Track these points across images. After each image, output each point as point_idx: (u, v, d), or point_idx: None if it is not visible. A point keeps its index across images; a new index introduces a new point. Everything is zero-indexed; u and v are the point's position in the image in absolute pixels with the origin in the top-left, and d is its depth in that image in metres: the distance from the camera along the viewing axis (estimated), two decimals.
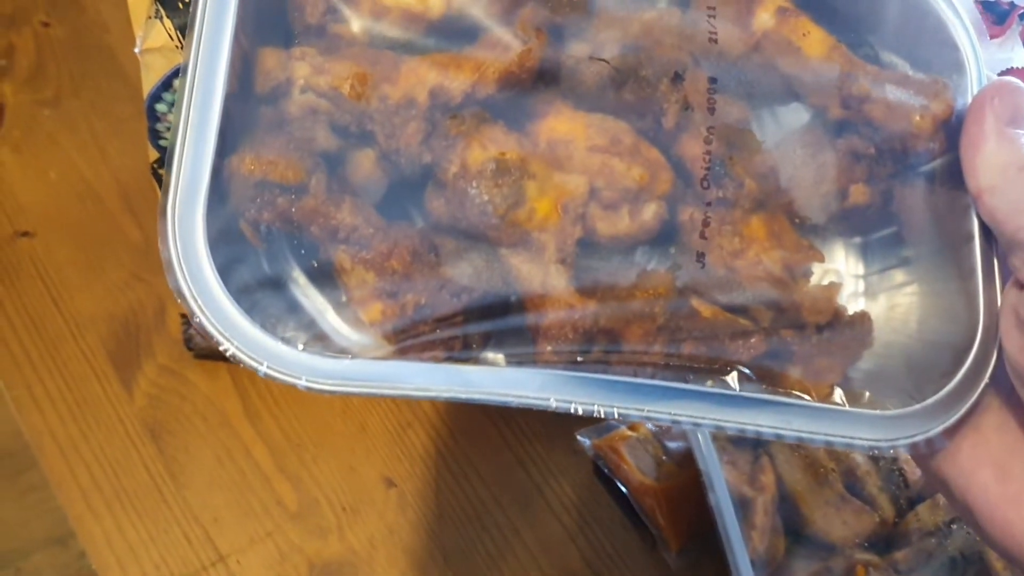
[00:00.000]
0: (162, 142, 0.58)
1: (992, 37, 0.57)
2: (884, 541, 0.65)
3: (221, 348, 0.33)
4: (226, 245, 0.34)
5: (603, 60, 0.38)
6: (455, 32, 0.38)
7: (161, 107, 0.57)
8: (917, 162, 0.40)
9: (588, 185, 0.37)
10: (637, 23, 0.38)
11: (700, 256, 0.38)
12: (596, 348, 0.37)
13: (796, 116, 0.42)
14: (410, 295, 0.35)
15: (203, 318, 0.33)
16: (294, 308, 0.36)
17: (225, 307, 0.33)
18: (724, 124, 0.39)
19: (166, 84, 0.56)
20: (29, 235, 0.77)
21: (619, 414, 0.35)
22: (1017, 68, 0.54)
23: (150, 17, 0.54)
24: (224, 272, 0.34)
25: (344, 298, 0.36)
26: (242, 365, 0.33)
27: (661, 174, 0.38)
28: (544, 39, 0.37)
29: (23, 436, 0.70)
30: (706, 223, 0.38)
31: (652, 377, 0.36)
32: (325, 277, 0.36)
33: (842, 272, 0.43)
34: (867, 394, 0.39)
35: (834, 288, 0.40)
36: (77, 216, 0.79)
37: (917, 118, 0.39)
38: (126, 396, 0.71)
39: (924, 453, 0.39)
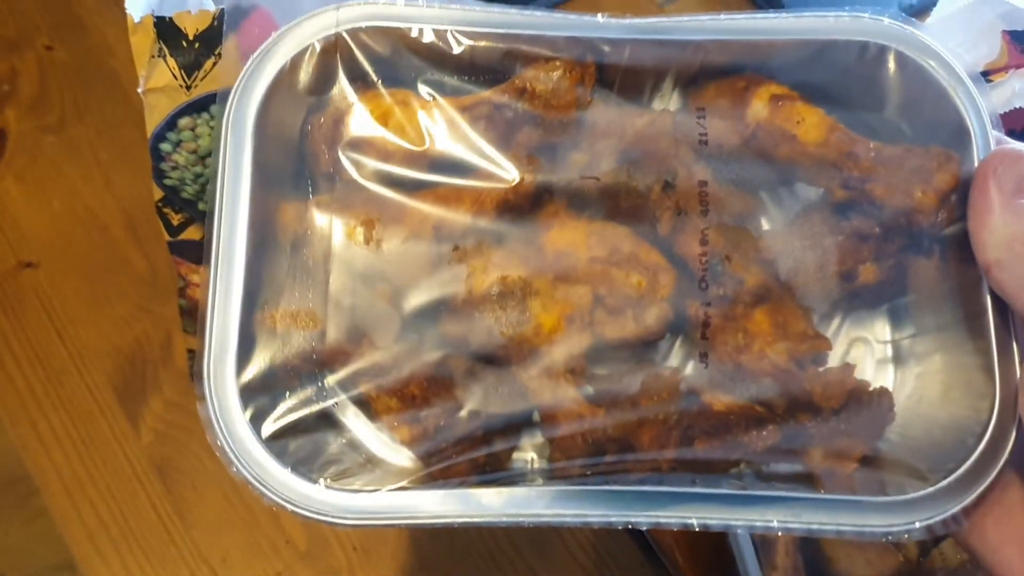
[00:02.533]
0: (167, 181, 0.56)
1: (1018, 67, 0.55)
2: None
3: (255, 491, 0.36)
4: (260, 395, 0.37)
5: (593, 178, 0.39)
6: (458, 161, 0.39)
7: (165, 147, 0.55)
8: (926, 235, 0.39)
9: (591, 295, 0.38)
10: (631, 130, 0.39)
11: (703, 356, 0.39)
12: (609, 456, 0.38)
13: (798, 201, 0.42)
14: (431, 418, 0.37)
15: (240, 468, 0.37)
16: (321, 445, 0.39)
17: (259, 456, 0.36)
18: (718, 225, 0.39)
19: (170, 124, 0.54)
20: (33, 266, 0.76)
21: (631, 523, 0.36)
22: None
23: (153, 56, 0.53)
24: (258, 420, 0.37)
25: (376, 424, 0.39)
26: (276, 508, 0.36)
27: (661, 278, 0.39)
28: (537, 164, 0.38)
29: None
30: (706, 323, 0.39)
31: (660, 482, 0.37)
32: (360, 406, 0.39)
33: (870, 339, 0.42)
34: (884, 476, 0.38)
35: (846, 371, 0.39)
36: (82, 246, 0.77)
37: (919, 193, 0.39)
38: (132, 433, 0.70)
39: (943, 533, 0.37)
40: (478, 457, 0.38)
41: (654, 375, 0.39)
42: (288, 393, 0.39)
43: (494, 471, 0.39)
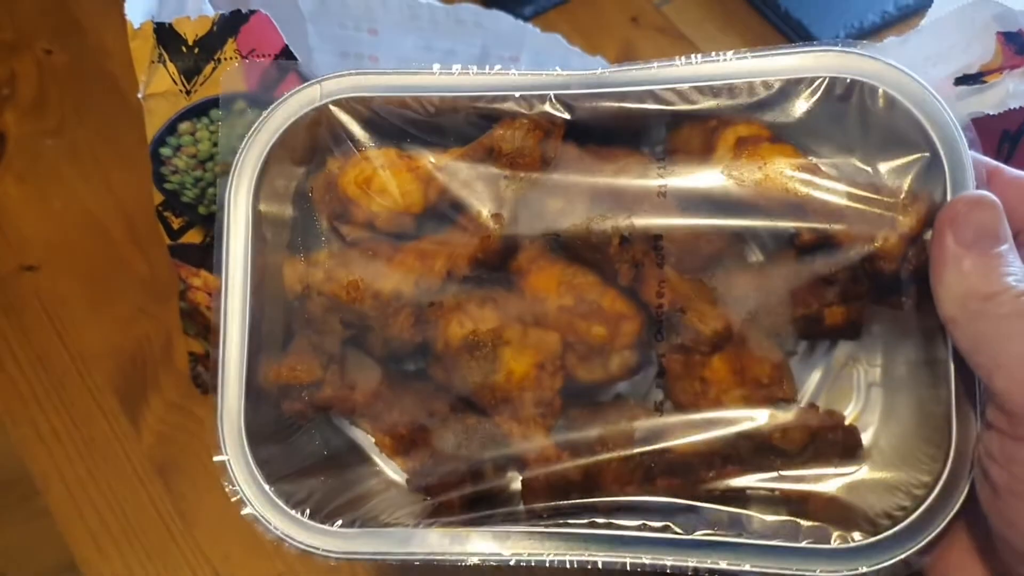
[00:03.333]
0: (167, 185, 0.57)
1: (1012, 68, 0.55)
2: None
3: (262, 530, 0.42)
4: (271, 435, 0.43)
5: (554, 234, 0.41)
6: (438, 217, 0.43)
7: (165, 151, 0.56)
8: (894, 278, 0.39)
9: (561, 342, 0.41)
10: (600, 179, 0.41)
11: (659, 404, 0.42)
12: (573, 496, 0.41)
13: (765, 245, 0.42)
14: (417, 455, 0.43)
15: (252, 509, 0.42)
16: (351, 476, 0.45)
17: (267, 500, 0.41)
18: (674, 276, 0.40)
19: (170, 128, 0.55)
20: (34, 268, 0.77)
21: (585, 562, 0.39)
22: None
23: (153, 61, 0.53)
24: (265, 464, 0.42)
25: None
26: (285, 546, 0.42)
27: (624, 326, 0.41)
28: (503, 222, 0.41)
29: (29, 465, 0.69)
30: (660, 373, 0.41)
31: (610, 525, 0.40)
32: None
33: (863, 361, 0.43)
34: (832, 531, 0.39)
35: (807, 415, 0.40)
36: (82, 248, 0.78)
37: (884, 238, 0.38)
38: (133, 433, 0.70)
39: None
40: (467, 492, 0.42)
41: (615, 418, 0.41)
42: (295, 438, 0.45)
43: (486, 504, 0.43)
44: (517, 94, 0.41)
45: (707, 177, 0.40)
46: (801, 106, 0.41)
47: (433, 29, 0.70)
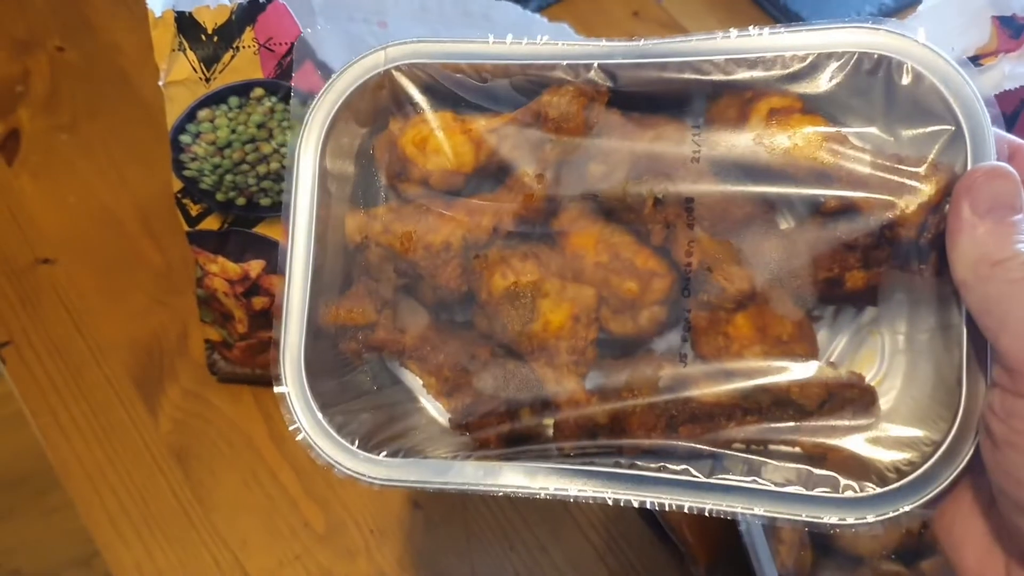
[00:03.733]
0: (186, 172, 0.58)
1: (1007, 52, 0.57)
2: (911, 552, 0.65)
3: (313, 455, 0.44)
4: (326, 376, 0.46)
5: (593, 195, 0.44)
6: (488, 177, 0.46)
7: (185, 138, 0.57)
8: (914, 245, 0.40)
9: (596, 296, 0.44)
10: (638, 145, 0.44)
11: (683, 357, 0.44)
12: (600, 439, 0.44)
13: (793, 211, 0.44)
14: (459, 396, 0.45)
15: (306, 435, 0.44)
16: (395, 411, 0.48)
17: (320, 428, 0.44)
18: (703, 237, 0.43)
19: (190, 115, 0.56)
20: (50, 262, 0.78)
21: (606, 498, 0.42)
22: None
23: (173, 50, 0.55)
24: (320, 396, 0.44)
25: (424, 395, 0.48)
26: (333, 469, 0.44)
27: (654, 283, 0.43)
28: (545, 182, 0.44)
29: (47, 458, 0.70)
30: (687, 327, 0.43)
31: (634, 466, 0.42)
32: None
33: (885, 325, 0.44)
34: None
35: (826, 371, 0.42)
36: (97, 241, 0.79)
37: (903, 205, 0.40)
38: (151, 421, 0.72)
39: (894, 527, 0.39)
40: (503, 430, 0.45)
41: (642, 367, 0.44)
42: (348, 374, 0.47)
43: (521, 443, 0.45)
44: (564, 62, 0.44)
45: (740, 144, 0.42)
46: (831, 79, 0.42)
47: (441, 21, 0.71)
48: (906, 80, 0.41)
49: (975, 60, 0.57)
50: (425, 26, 0.72)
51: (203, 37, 0.55)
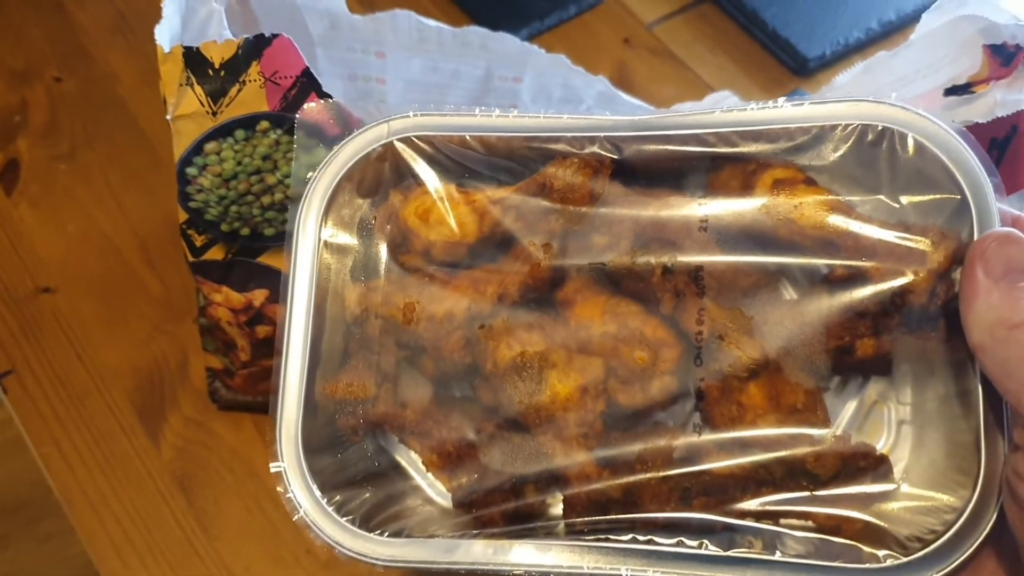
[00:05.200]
0: (192, 204, 0.59)
1: (999, 79, 0.58)
2: None
3: (312, 535, 0.44)
4: (325, 448, 0.45)
5: (600, 264, 0.44)
6: (492, 247, 0.46)
7: (192, 171, 0.58)
8: (923, 312, 0.41)
9: (604, 367, 0.44)
10: (643, 216, 0.44)
11: (697, 426, 0.43)
12: (612, 513, 0.43)
13: (801, 280, 0.44)
14: (463, 473, 0.44)
15: (304, 516, 0.44)
16: (392, 491, 0.47)
17: (319, 508, 0.44)
18: (713, 306, 0.43)
19: (197, 148, 0.57)
20: (51, 291, 0.78)
21: (627, 575, 0.41)
22: None
23: (181, 84, 0.55)
24: (318, 474, 0.44)
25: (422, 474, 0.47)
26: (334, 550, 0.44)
27: (664, 353, 0.43)
28: (552, 252, 0.44)
29: (42, 485, 0.70)
30: (700, 396, 0.43)
31: (650, 540, 0.42)
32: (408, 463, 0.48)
33: (892, 399, 0.45)
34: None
35: (841, 440, 0.42)
36: (97, 270, 0.79)
37: (914, 273, 0.41)
38: (153, 449, 0.72)
39: None
40: (509, 508, 0.44)
41: (653, 443, 0.43)
42: (346, 451, 0.47)
43: (527, 520, 0.44)
44: (569, 135, 0.45)
45: (746, 215, 0.43)
46: (835, 150, 0.43)
47: (440, 51, 0.73)
48: (909, 151, 0.42)
49: (967, 88, 0.58)
50: (422, 56, 0.73)
51: (210, 72, 0.55)
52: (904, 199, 0.43)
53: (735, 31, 0.95)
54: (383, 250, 0.47)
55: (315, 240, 0.45)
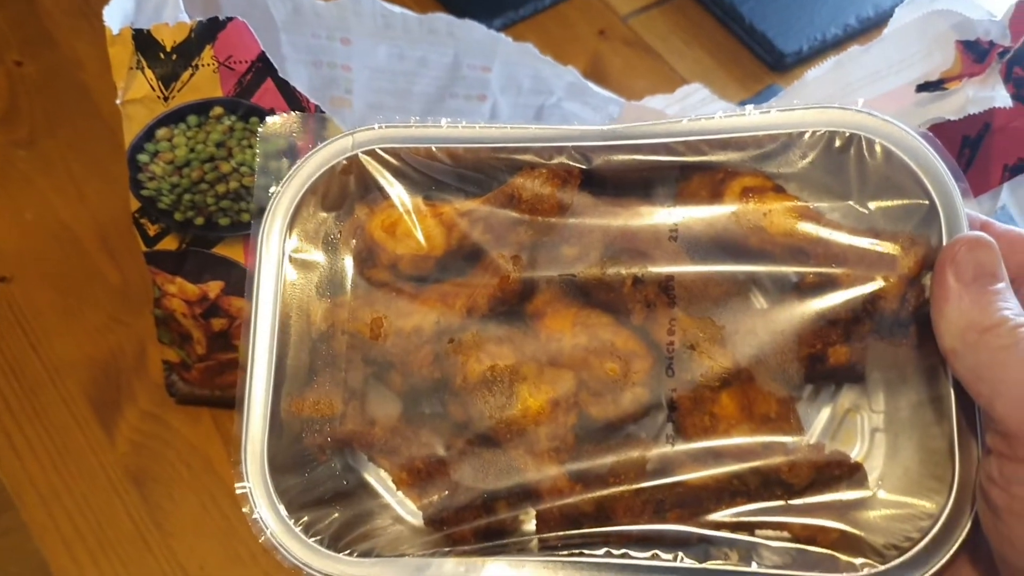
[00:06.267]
0: (144, 191, 0.57)
1: (972, 76, 0.57)
2: None
3: (280, 558, 0.42)
4: (289, 473, 0.44)
5: (570, 275, 0.44)
6: (459, 261, 0.45)
7: (143, 157, 0.56)
8: (895, 318, 0.41)
9: (575, 379, 0.43)
10: (612, 226, 0.44)
11: (670, 437, 0.43)
12: (585, 527, 0.42)
13: (773, 288, 0.44)
14: (433, 490, 0.44)
15: (271, 537, 0.42)
16: (361, 511, 0.46)
17: (286, 528, 0.42)
18: (684, 316, 0.43)
19: (148, 134, 0.55)
20: (6, 280, 0.76)
21: None
22: (999, 108, 0.55)
23: (131, 68, 0.54)
24: (284, 493, 0.43)
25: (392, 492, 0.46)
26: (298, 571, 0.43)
27: (635, 364, 0.43)
28: (521, 264, 0.44)
29: None
30: (672, 407, 0.43)
31: (625, 555, 0.42)
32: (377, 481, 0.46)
33: (866, 407, 0.44)
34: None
35: (815, 450, 0.41)
36: (55, 259, 0.78)
37: (885, 279, 0.41)
38: (108, 443, 0.70)
39: None
40: (480, 525, 0.43)
41: (625, 456, 0.43)
42: (313, 469, 0.45)
43: (499, 537, 0.44)
44: (536, 145, 0.44)
45: (715, 224, 0.43)
46: (803, 157, 0.43)
47: (406, 38, 0.71)
48: (877, 157, 0.42)
49: (940, 84, 0.57)
50: (388, 43, 0.72)
51: (161, 55, 0.54)
52: (873, 205, 0.43)
53: (712, 25, 0.94)
54: (349, 265, 0.46)
55: (279, 255, 0.45)
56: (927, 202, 0.41)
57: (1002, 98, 0.55)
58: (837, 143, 0.42)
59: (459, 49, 0.72)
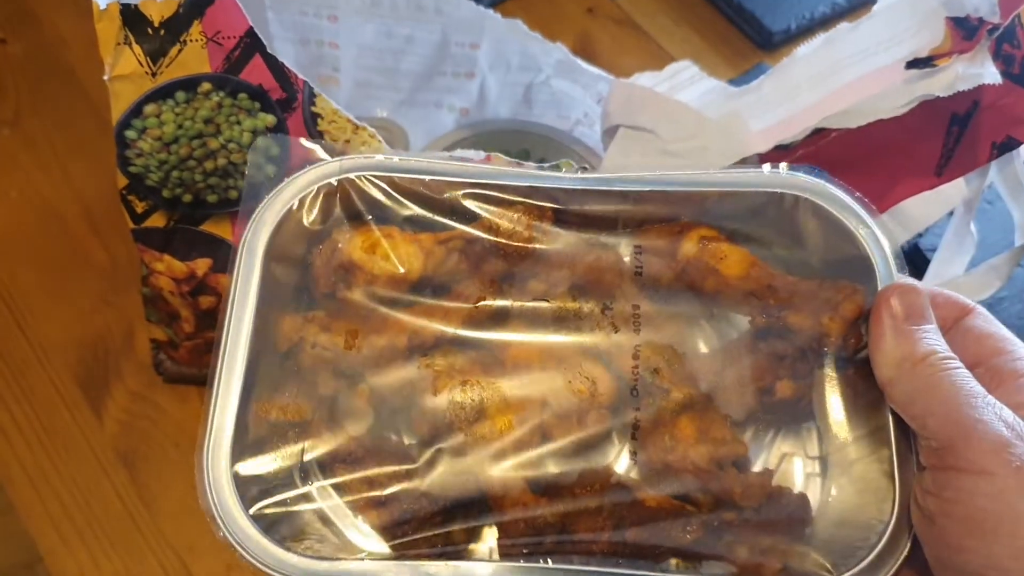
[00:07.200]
0: (132, 168, 0.57)
1: (961, 53, 0.57)
2: None
3: (239, 555, 0.43)
4: (252, 477, 0.44)
5: (543, 299, 0.47)
6: (433, 287, 0.48)
7: (130, 134, 0.56)
8: (836, 357, 0.45)
9: (542, 400, 0.45)
10: (580, 264, 0.48)
11: (633, 455, 0.45)
12: (548, 539, 0.44)
13: (727, 326, 0.48)
14: (395, 503, 0.44)
15: (226, 534, 0.43)
16: (303, 524, 0.45)
17: (245, 527, 0.43)
18: (648, 343, 0.46)
19: (136, 110, 0.55)
20: None
21: None
22: (988, 85, 0.55)
23: (119, 43, 0.53)
24: (247, 498, 0.43)
25: (349, 506, 0.45)
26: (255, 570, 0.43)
27: (600, 387, 0.45)
28: (497, 288, 0.47)
29: None
30: (636, 427, 0.45)
31: (588, 563, 0.43)
32: (338, 491, 0.46)
33: (802, 453, 0.47)
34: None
35: (765, 475, 0.45)
36: (41, 239, 0.77)
37: (828, 321, 0.45)
38: (96, 422, 0.70)
39: None
40: (436, 539, 0.44)
41: (590, 470, 0.45)
42: (276, 476, 0.45)
43: (455, 552, 0.45)
44: (513, 184, 0.48)
45: (675, 267, 0.48)
46: (754, 214, 0.48)
47: (393, 15, 0.71)
48: (818, 215, 0.47)
49: (929, 61, 0.57)
50: (376, 20, 0.71)
51: (149, 30, 0.53)
52: (816, 256, 0.48)
53: (700, 3, 0.93)
54: (320, 287, 0.48)
55: (258, 269, 0.46)
56: (864, 255, 0.46)
57: (991, 75, 0.55)
58: (784, 202, 0.47)
59: (447, 26, 0.72)
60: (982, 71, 0.56)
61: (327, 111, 0.57)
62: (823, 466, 0.46)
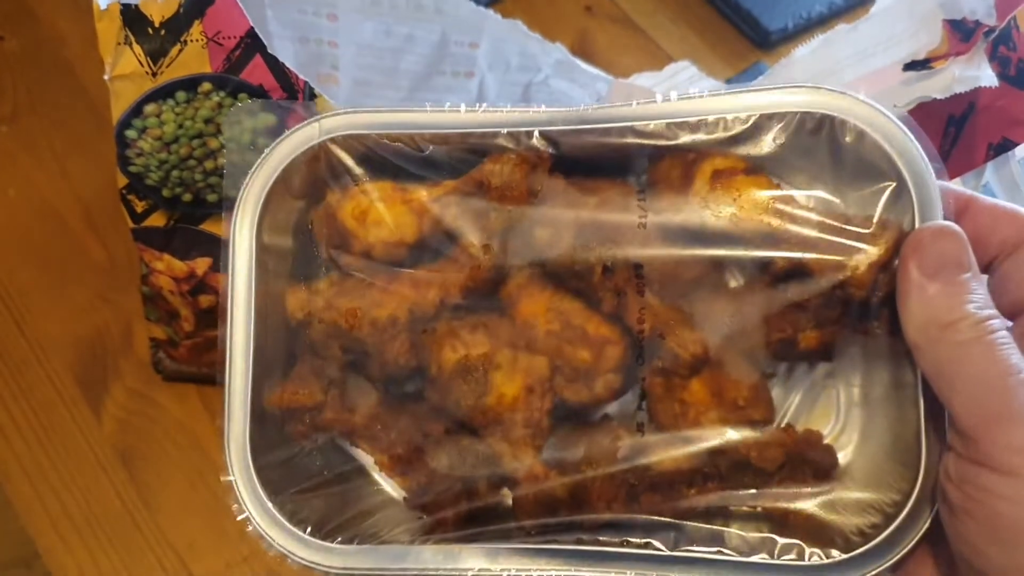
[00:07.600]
0: (132, 168, 0.57)
1: (958, 55, 0.57)
2: None
3: (265, 546, 0.43)
4: (275, 455, 0.45)
5: (541, 263, 0.43)
6: (433, 246, 0.45)
7: (131, 133, 0.56)
8: (865, 304, 0.40)
9: (549, 365, 0.43)
10: (584, 210, 0.43)
11: (640, 426, 0.43)
12: (561, 513, 0.43)
13: (742, 273, 0.44)
14: (414, 475, 0.44)
15: (257, 526, 0.43)
16: (351, 494, 0.46)
17: (268, 514, 0.43)
18: (654, 303, 0.43)
19: (136, 110, 0.55)
20: None
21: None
22: (984, 87, 0.55)
23: (119, 43, 0.53)
24: (269, 483, 0.43)
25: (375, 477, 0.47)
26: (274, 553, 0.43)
27: (608, 351, 0.43)
28: (492, 252, 0.44)
29: None
30: (644, 393, 0.43)
31: (597, 541, 0.42)
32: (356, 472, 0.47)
33: (840, 379, 0.44)
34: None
35: (785, 434, 0.42)
36: (39, 236, 0.77)
37: (853, 265, 0.40)
38: (94, 421, 0.70)
39: None
40: (461, 510, 0.44)
41: (600, 438, 0.43)
42: (297, 458, 0.46)
43: (480, 521, 0.44)
44: (505, 130, 0.44)
45: (685, 209, 0.42)
46: (774, 140, 0.42)
47: (393, 14, 0.71)
48: (849, 138, 0.41)
49: (926, 63, 0.58)
50: (375, 19, 0.71)
51: (150, 30, 0.53)
52: (846, 188, 0.42)
53: (698, 2, 0.94)
54: (322, 252, 0.46)
55: (251, 244, 0.44)
56: (900, 184, 0.40)
57: (987, 77, 0.55)
58: (809, 125, 0.42)
59: (446, 25, 0.72)
60: (978, 73, 0.56)
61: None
62: (863, 398, 0.44)
